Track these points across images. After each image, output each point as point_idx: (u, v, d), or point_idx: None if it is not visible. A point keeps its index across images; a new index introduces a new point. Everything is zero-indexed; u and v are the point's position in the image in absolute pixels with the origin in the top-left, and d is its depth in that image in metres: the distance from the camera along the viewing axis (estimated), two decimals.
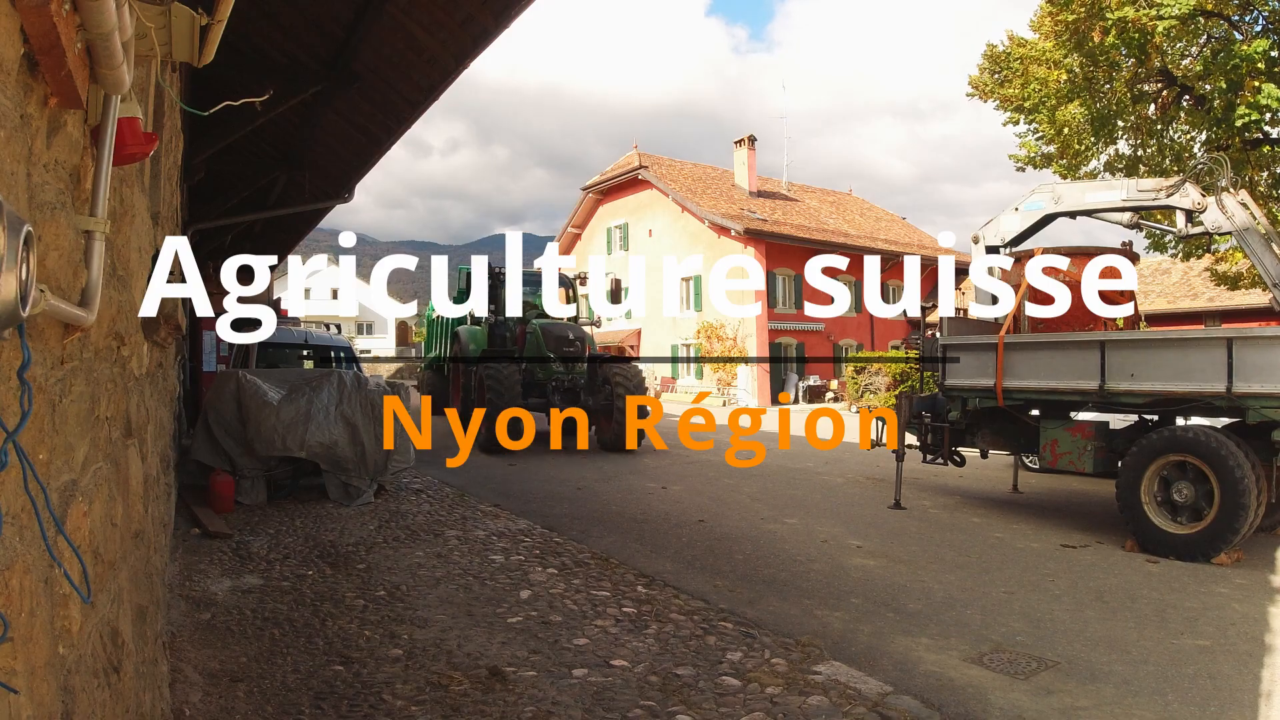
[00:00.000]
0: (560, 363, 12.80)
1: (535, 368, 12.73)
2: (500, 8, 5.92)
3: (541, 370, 12.80)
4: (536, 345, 12.98)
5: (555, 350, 12.79)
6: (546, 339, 12.92)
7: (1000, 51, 14.90)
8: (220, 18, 2.05)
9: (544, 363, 12.81)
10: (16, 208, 1.08)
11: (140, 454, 2.88)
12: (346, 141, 9.82)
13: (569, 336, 13.00)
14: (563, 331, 13.11)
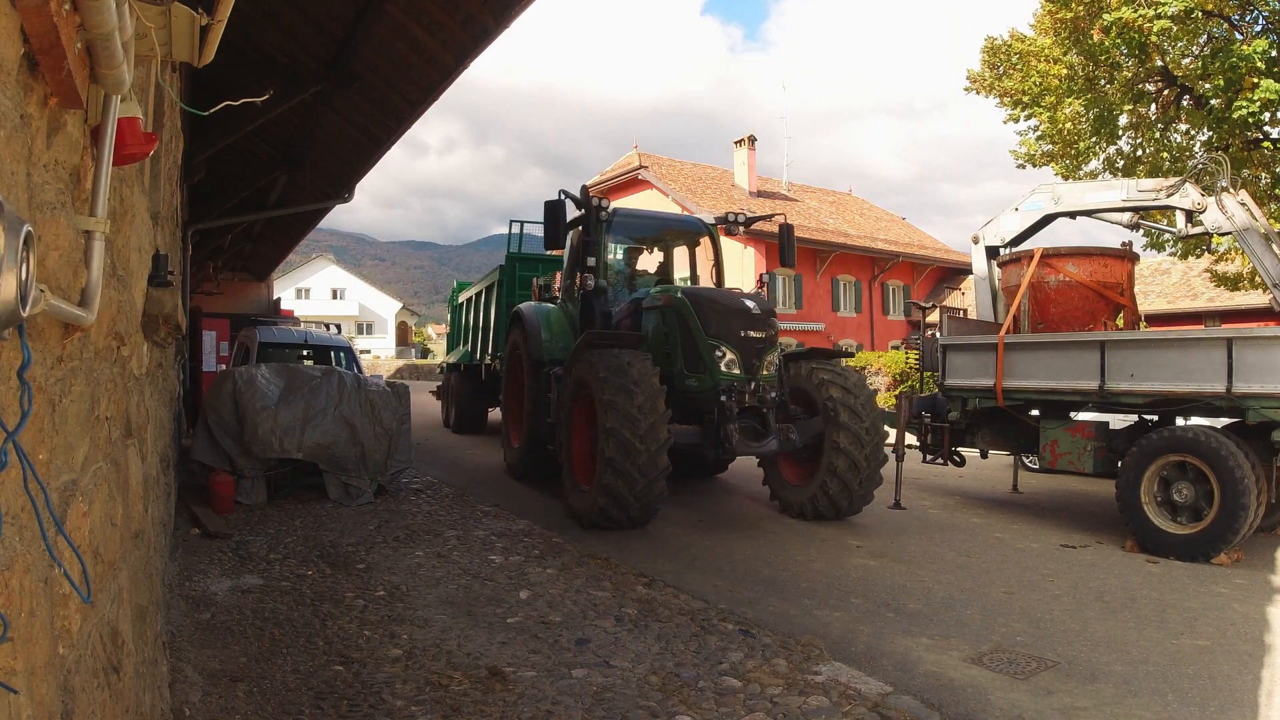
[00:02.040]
0: (735, 356, 7.08)
1: (680, 368, 7.25)
2: (500, 8, 5.92)
3: (693, 374, 7.18)
4: (683, 327, 7.27)
5: (726, 333, 7.08)
6: (709, 313, 7.16)
7: (1000, 44, 14.90)
8: (220, 18, 2.05)
9: (696, 360, 7.15)
10: (16, 208, 1.08)
11: (140, 454, 2.88)
12: (346, 141, 9.82)
13: (751, 310, 7.19)
14: (736, 302, 7.30)
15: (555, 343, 8.72)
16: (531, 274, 12.13)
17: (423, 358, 56.60)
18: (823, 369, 7.60)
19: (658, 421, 6.33)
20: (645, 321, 7.86)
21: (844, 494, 7.23)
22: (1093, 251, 8.68)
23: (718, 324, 7.13)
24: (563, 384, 7.56)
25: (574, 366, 7.20)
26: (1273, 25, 11.98)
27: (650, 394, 6.41)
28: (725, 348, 7.06)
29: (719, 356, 7.05)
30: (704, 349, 7.09)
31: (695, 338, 7.14)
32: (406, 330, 72.32)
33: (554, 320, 8.98)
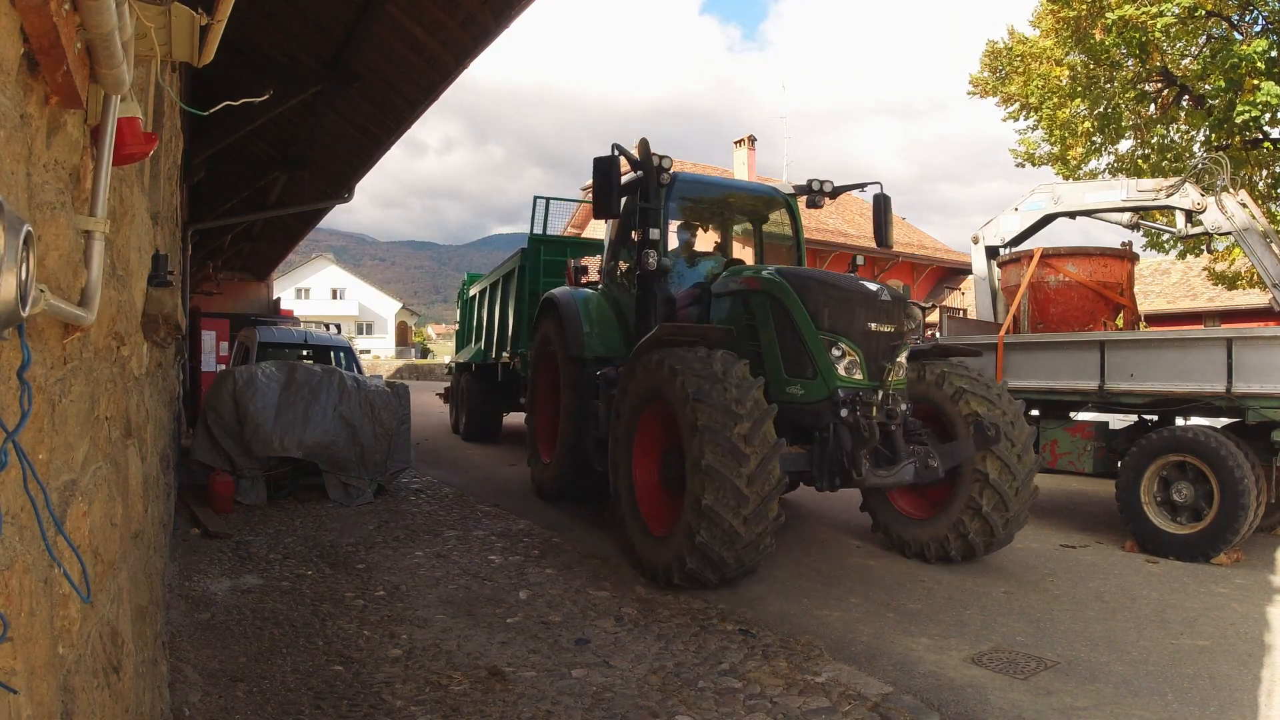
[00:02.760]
0: (858, 356, 5.53)
1: (778, 372, 5.65)
2: (500, 7, 5.93)
3: (797, 379, 5.60)
4: (782, 318, 5.71)
5: (846, 326, 5.56)
6: (821, 299, 5.62)
7: (1001, 48, 14.91)
8: (220, 18, 2.05)
9: (802, 360, 5.58)
10: (16, 208, 1.08)
11: (140, 454, 2.88)
12: (346, 141, 9.82)
13: (878, 295, 5.70)
14: (856, 285, 5.80)
15: (599, 337, 7.21)
16: (558, 258, 10.84)
17: (423, 358, 56.61)
18: (956, 374, 6.06)
19: (770, 457, 4.74)
20: (715, 312, 6.39)
21: (984, 536, 5.78)
22: (1093, 251, 8.69)
23: (834, 313, 5.54)
24: (620, 392, 5.86)
25: (639, 370, 5.59)
26: (1273, 25, 11.99)
27: (758, 416, 4.83)
28: (845, 344, 5.49)
29: (836, 356, 5.46)
30: (814, 346, 5.49)
31: (802, 332, 5.53)
32: (406, 330, 72.34)
33: (595, 309, 7.44)
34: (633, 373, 5.72)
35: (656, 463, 5.72)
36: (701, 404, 4.83)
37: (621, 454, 5.82)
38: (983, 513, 5.72)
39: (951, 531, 5.88)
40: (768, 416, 4.90)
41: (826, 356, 5.50)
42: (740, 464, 4.66)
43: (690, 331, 5.64)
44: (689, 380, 4.97)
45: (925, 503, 6.31)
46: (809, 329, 5.56)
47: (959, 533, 5.85)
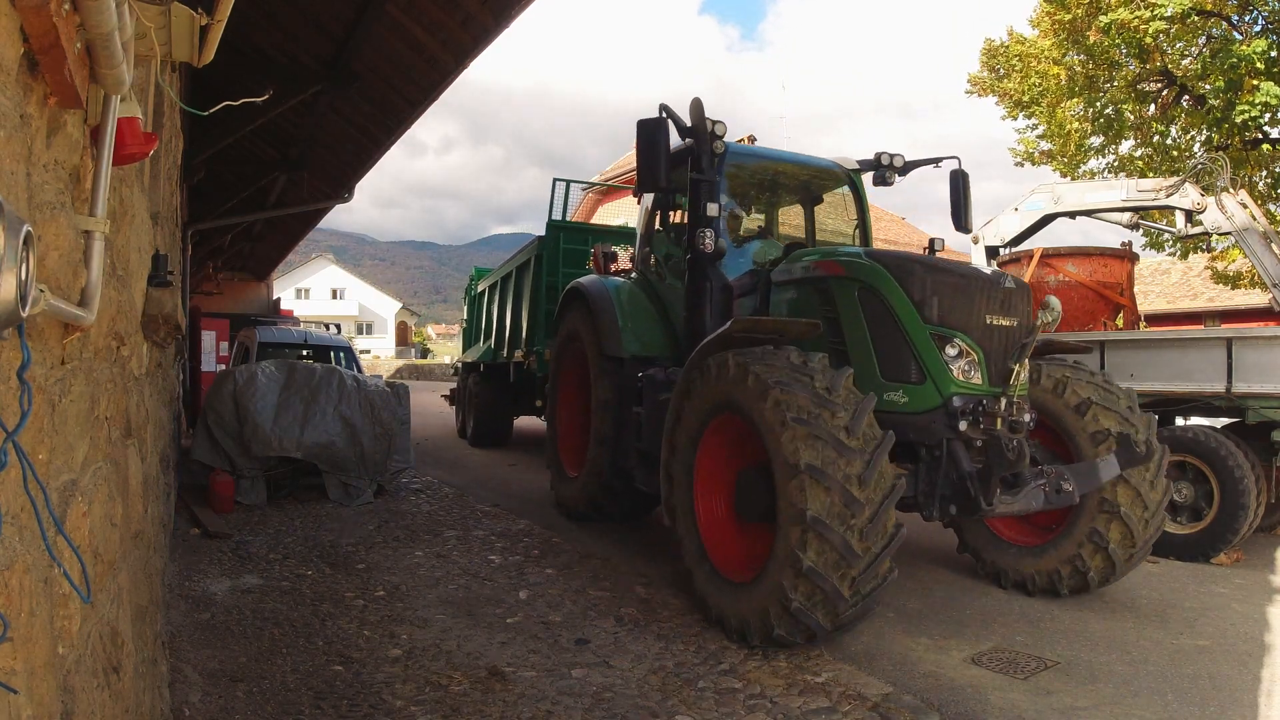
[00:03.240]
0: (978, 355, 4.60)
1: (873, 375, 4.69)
2: (500, 7, 5.94)
3: (899, 383, 4.65)
4: (876, 310, 4.75)
5: (962, 319, 4.61)
6: (929, 286, 4.65)
7: (999, 46, 14.94)
8: (220, 18, 2.05)
9: (904, 362, 4.65)
10: (16, 208, 1.08)
11: (140, 454, 2.88)
12: (346, 141, 9.83)
13: (998, 281, 4.80)
14: (970, 270, 5.06)
15: (638, 332, 6.34)
16: (580, 246, 9.96)
17: (423, 358, 56.63)
18: (1079, 379, 5.17)
19: (889, 502, 3.77)
20: (776, 303, 5.46)
21: (1105, 570, 4.97)
22: (1092, 251, 8.69)
23: (946, 303, 4.57)
24: (678, 401, 4.85)
25: (705, 375, 4.62)
26: (1273, 25, 11.99)
27: (875, 448, 3.84)
28: (961, 341, 4.54)
29: (951, 356, 4.52)
30: (921, 344, 4.53)
31: (905, 326, 4.57)
32: (406, 330, 72.36)
33: (632, 301, 6.57)
34: (696, 378, 4.70)
35: (726, 489, 4.70)
36: (803, 431, 3.82)
37: (680, 481, 4.82)
38: (1107, 546, 4.87)
39: (1065, 565, 5.05)
40: (885, 447, 3.85)
41: (938, 356, 4.52)
42: (852, 509, 3.70)
43: (769, 326, 4.66)
44: (783, 397, 3.94)
45: (1032, 528, 5.38)
46: (914, 322, 4.56)
47: (1075, 567, 5.01)
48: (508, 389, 11.61)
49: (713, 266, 5.70)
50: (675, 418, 4.89)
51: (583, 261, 9.64)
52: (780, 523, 3.93)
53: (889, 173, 6.55)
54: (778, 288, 5.49)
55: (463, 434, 13.50)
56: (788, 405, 3.92)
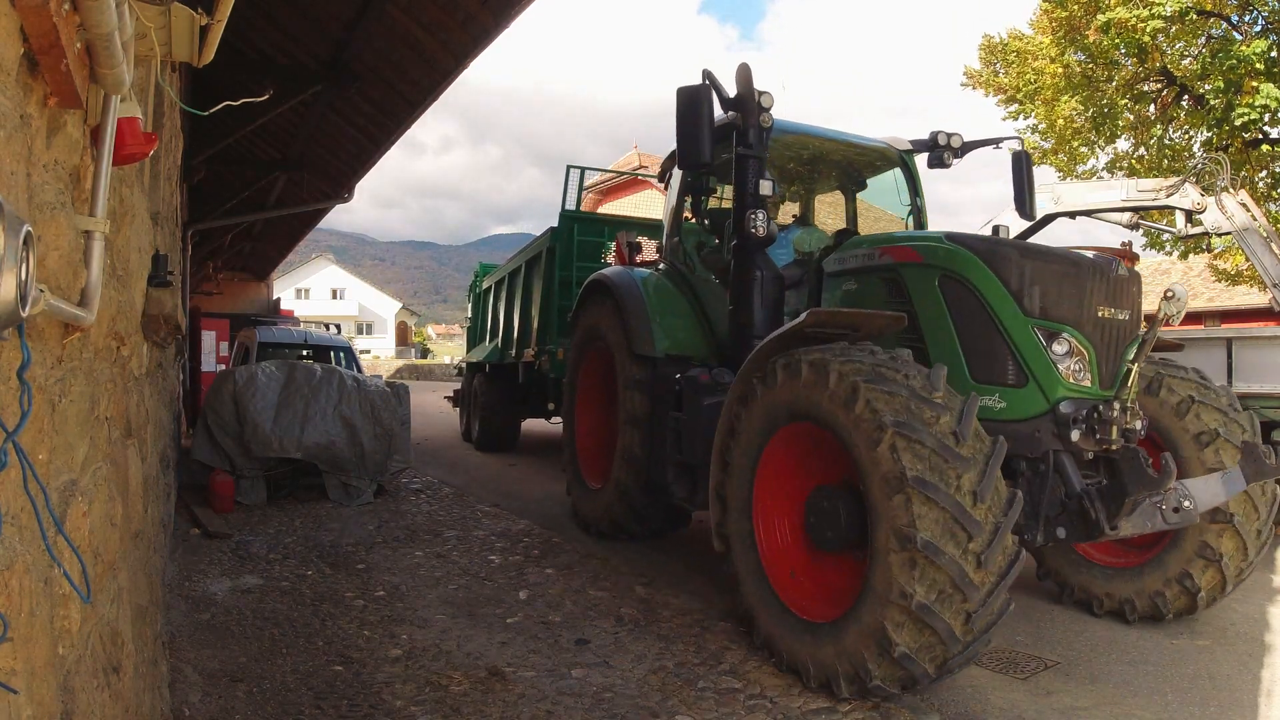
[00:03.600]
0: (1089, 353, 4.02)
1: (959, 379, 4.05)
2: (500, 7, 5.94)
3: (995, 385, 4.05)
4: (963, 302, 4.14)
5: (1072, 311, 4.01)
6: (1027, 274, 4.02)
7: (997, 43, 14.97)
8: (220, 18, 2.05)
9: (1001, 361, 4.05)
10: (16, 208, 1.08)
11: (140, 454, 2.88)
12: (346, 141, 9.84)
13: (1109, 269, 4.13)
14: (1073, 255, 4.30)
15: (673, 329, 5.78)
16: (595, 238, 9.50)
17: (422, 358, 56.65)
18: (1175, 376, 4.66)
19: (1009, 517, 3.23)
20: (829, 296, 4.96)
21: (1216, 588, 4.46)
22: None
23: (1049, 293, 3.99)
24: (733, 408, 4.24)
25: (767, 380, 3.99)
26: (1273, 25, 11.99)
27: (985, 454, 3.31)
28: (1070, 336, 3.95)
29: (1058, 354, 3.93)
30: (1022, 340, 3.95)
31: (1002, 320, 3.98)
32: (406, 330, 72.40)
33: (661, 294, 5.97)
34: (757, 382, 4.07)
35: (795, 512, 4.07)
36: (905, 438, 3.24)
37: (736, 505, 4.16)
38: (1220, 560, 4.32)
39: (1171, 586, 4.49)
40: (998, 456, 3.30)
41: (1044, 354, 3.92)
42: (970, 534, 3.13)
43: (848, 320, 4.05)
44: (878, 398, 3.36)
45: (1123, 547, 4.77)
46: (1013, 315, 3.96)
47: (1183, 587, 4.44)
48: (515, 391, 11.04)
49: (762, 254, 5.14)
50: (728, 430, 4.25)
51: (598, 254, 9.29)
52: (876, 549, 3.29)
53: (946, 154, 5.98)
54: (831, 279, 4.96)
55: (467, 437, 13.03)
56: (885, 407, 3.31)
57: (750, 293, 5.10)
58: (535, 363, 9.75)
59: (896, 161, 6.31)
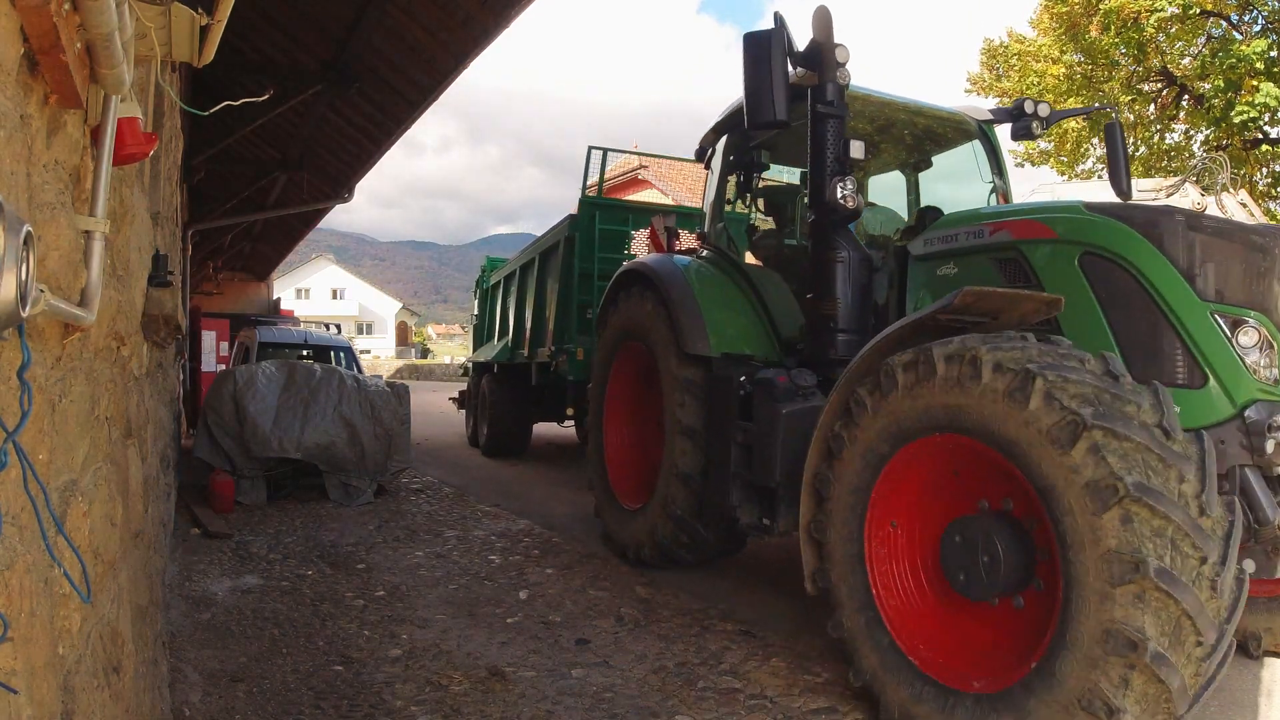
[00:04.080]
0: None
1: None
2: (499, 8, 5.94)
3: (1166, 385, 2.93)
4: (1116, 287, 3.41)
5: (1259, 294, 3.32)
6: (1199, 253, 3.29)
7: (999, 47, 15.00)
8: (220, 18, 2.05)
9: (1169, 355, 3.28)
10: (16, 208, 1.08)
11: (140, 454, 2.88)
12: (346, 141, 9.84)
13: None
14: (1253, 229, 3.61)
15: (727, 324, 5.07)
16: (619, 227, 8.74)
17: (423, 358, 56.67)
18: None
19: (1234, 539, 2.63)
20: (916, 283, 4.32)
21: None
22: None
23: (1230, 273, 3.32)
24: (832, 427, 3.53)
25: (883, 385, 3.27)
26: (1272, 25, 11.99)
27: (1202, 460, 2.70)
28: (1258, 325, 3.29)
29: (1244, 346, 3.25)
30: (1199, 331, 3.25)
31: (1171, 306, 3.28)
32: (406, 330, 72.45)
33: (712, 285, 5.27)
34: (869, 390, 3.32)
35: (923, 549, 3.38)
36: (1114, 439, 2.57)
37: (841, 546, 3.46)
38: None
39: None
40: (1213, 457, 2.72)
41: (1228, 347, 3.23)
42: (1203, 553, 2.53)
43: (999, 300, 3.32)
44: (1065, 389, 2.66)
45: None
46: (1185, 301, 3.25)
47: None
48: (527, 393, 10.38)
49: (847, 231, 4.42)
50: (824, 454, 3.55)
51: (621, 245, 8.64)
52: (1074, 586, 2.59)
53: (1035, 123, 5.33)
54: (920, 263, 4.28)
55: (474, 442, 12.30)
56: (1074, 399, 2.64)
57: (834, 278, 4.36)
58: (551, 363, 9.09)
59: (975, 133, 5.56)
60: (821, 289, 4.45)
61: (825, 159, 4.40)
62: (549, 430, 12.43)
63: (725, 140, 5.60)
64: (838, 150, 4.38)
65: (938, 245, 4.19)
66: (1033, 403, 2.70)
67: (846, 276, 4.38)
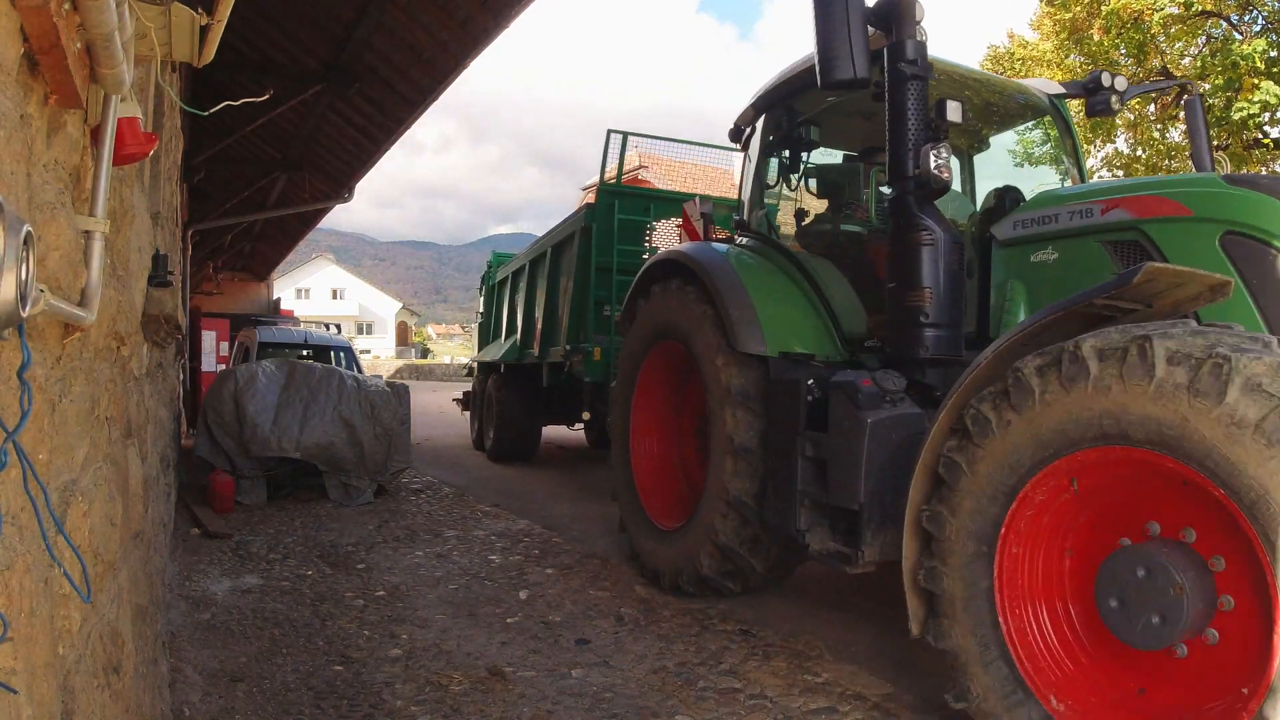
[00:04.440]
0: None
1: None
2: (499, 8, 5.95)
3: None
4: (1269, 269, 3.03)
5: None
6: None
7: (1003, 52, 15.00)
8: (220, 18, 2.05)
9: None
10: (16, 208, 1.08)
11: (140, 454, 2.88)
12: (346, 141, 9.85)
13: None
14: None
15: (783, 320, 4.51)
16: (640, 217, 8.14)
17: (423, 358, 56.70)
18: None
19: None
20: (1008, 271, 3.92)
21: None
22: None
23: None
24: (946, 445, 2.97)
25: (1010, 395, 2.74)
26: (1272, 25, 12.00)
27: None
28: None
29: None
30: None
31: None
32: (406, 330, 72.47)
33: (763, 277, 4.74)
34: (995, 403, 2.77)
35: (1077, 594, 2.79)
36: None
37: (968, 605, 2.86)
38: None
39: None
40: None
41: None
42: None
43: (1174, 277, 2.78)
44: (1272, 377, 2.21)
45: None
46: None
47: None
48: (537, 395, 9.88)
49: (935, 209, 3.85)
50: (933, 483, 2.99)
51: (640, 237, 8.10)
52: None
53: (1113, 97, 4.80)
54: (1008, 249, 3.89)
55: (479, 446, 11.78)
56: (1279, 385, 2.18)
57: (922, 263, 3.76)
58: (565, 363, 8.41)
59: (1046, 109, 5.04)
60: (906, 277, 3.83)
61: (907, 126, 3.82)
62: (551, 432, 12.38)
63: (765, 119, 5.11)
64: (922, 115, 3.80)
65: (1032, 228, 3.76)
66: (1230, 394, 2.22)
67: (937, 261, 3.78)
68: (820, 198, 5.07)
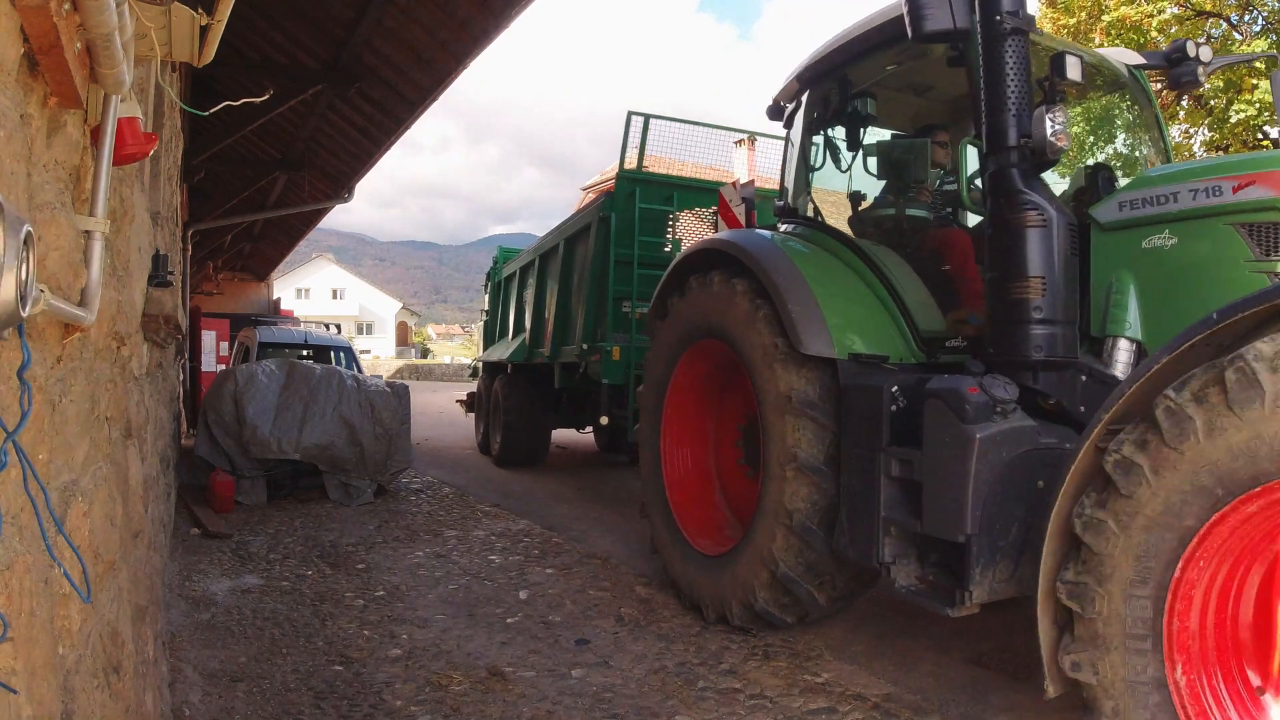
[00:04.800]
0: None
1: None
2: (499, 8, 5.95)
3: None
4: None
5: None
6: None
7: None
8: (220, 18, 2.05)
9: None
10: (16, 208, 1.08)
11: (140, 454, 2.88)
12: (346, 141, 9.84)
13: None
14: None
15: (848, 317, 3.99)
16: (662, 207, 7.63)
17: (423, 358, 56.70)
18: None
19: None
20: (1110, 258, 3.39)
21: None
22: None
23: None
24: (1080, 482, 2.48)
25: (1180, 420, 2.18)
26: (1273, 25, 12.00)
27: None
28: None
29: None
30: None
31: None
32: (406, 330, 72.46)
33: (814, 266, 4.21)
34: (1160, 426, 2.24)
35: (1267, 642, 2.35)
36: None
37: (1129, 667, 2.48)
38: None
39: None
40: None
41: None
42: None
43: None
44: None
45: None
46: None
47: None
48: (548, 396, 9.39)
49: (1044, 184, 3.40)
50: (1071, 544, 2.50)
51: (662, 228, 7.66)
52: None
53: (1200, 68, 4.23)
54: (1112, 234, 3.36)
55: (484, 450, 11.24)
56: None
57: (1029, 248, 3.30)
58: (580, 364, 7.90)
59: (1125, 81, 4.51)
60: (1012, 265, 3.35)
61: (1007, 88, 3.35)
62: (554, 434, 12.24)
63: (810, 94, 4.61)
64: (1024, 73, 3.33)
65: (1143, 209, 3.25)
66: None
67: (1049, 246, 3.31)
68: (880, 178, 4.55)
